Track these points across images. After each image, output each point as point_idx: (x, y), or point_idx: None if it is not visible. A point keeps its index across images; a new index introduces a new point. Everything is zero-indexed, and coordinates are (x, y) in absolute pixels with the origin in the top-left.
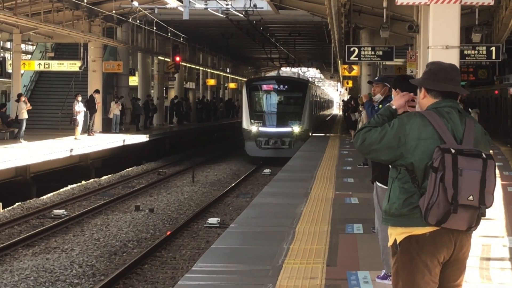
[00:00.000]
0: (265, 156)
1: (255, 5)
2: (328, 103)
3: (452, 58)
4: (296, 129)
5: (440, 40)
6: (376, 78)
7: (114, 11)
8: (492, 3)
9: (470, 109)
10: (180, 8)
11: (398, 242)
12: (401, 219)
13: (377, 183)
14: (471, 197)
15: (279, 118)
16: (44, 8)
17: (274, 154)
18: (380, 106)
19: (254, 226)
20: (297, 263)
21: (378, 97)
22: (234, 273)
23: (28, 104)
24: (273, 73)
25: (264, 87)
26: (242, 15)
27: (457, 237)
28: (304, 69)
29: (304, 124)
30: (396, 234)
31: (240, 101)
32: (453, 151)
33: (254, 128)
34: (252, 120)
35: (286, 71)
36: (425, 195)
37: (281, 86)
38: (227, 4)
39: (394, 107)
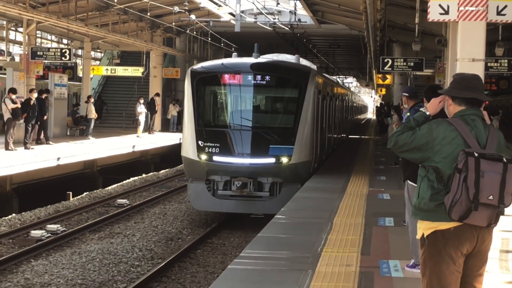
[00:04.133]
0: (225, 211)
1: (299, 20)
2: (361, 109)
3: (477, 70)
4: (285, 159)
5: (467, 54)
6: (407, 95)
7: (173, 23)
8: None
9: (491, 116)
10: (232, 21)
11: (425, 236)
12: (429, 214)
13: (408, 181)
14: (491, 197)
15: (254, 140)
16: (112, 19)
17: (242, 209)
18: (408, 113)
19: (296, 218)
20: (334, 252)
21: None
22: (278, 259)
23: (95, 113)
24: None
25: (226, 78)
26: (287, 28)
27: (479, 232)
28: (341, 77)
29: (301, 150)
30: (424, 228)
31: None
32: (476, 155)
33: (204, 157)
34: (200, 142)
35: (282, 55)
36: (449, 193)
37: (259, 78)
38: (274, 18)
39: (428, 113)
